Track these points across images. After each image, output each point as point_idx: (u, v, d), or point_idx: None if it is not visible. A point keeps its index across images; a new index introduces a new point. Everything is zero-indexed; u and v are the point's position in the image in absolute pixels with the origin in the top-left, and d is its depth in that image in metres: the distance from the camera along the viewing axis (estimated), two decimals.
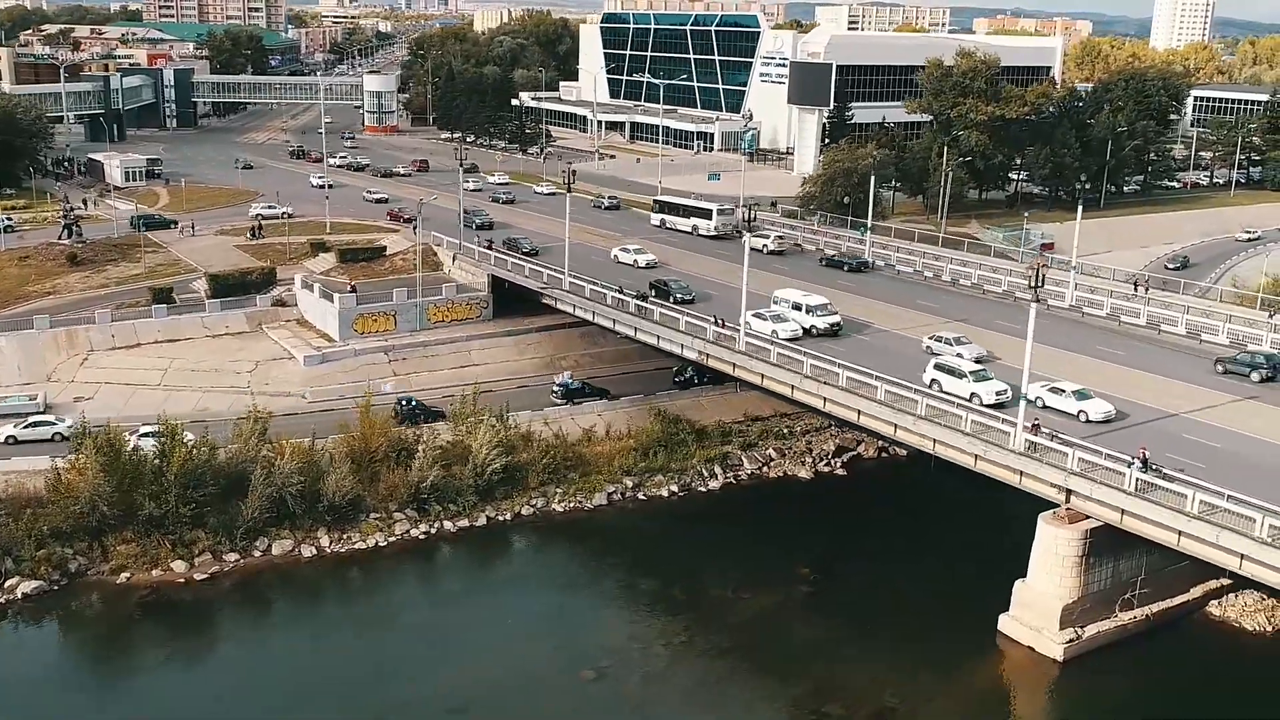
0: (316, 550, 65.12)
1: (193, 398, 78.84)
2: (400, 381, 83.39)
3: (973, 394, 62.37)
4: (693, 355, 76.35)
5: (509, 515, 70.28)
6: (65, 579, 60.53)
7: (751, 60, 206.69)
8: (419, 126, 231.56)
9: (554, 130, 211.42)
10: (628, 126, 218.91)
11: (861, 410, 63.93)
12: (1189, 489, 49.89)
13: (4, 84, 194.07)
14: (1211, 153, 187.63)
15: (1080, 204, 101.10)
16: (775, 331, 73.68)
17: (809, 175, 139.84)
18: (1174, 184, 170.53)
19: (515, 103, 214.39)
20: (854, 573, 64.94)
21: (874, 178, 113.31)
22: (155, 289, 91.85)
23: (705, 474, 76.78)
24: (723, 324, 73.94)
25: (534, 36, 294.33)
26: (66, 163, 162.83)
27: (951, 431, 58.89)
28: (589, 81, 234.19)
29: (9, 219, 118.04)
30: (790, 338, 73.35)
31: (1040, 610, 55.57)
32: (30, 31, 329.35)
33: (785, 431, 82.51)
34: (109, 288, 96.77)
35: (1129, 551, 55.36)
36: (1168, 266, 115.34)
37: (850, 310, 79.87)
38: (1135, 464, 52.07)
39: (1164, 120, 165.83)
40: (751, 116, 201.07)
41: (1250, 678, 55.18)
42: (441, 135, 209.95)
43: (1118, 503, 51.98)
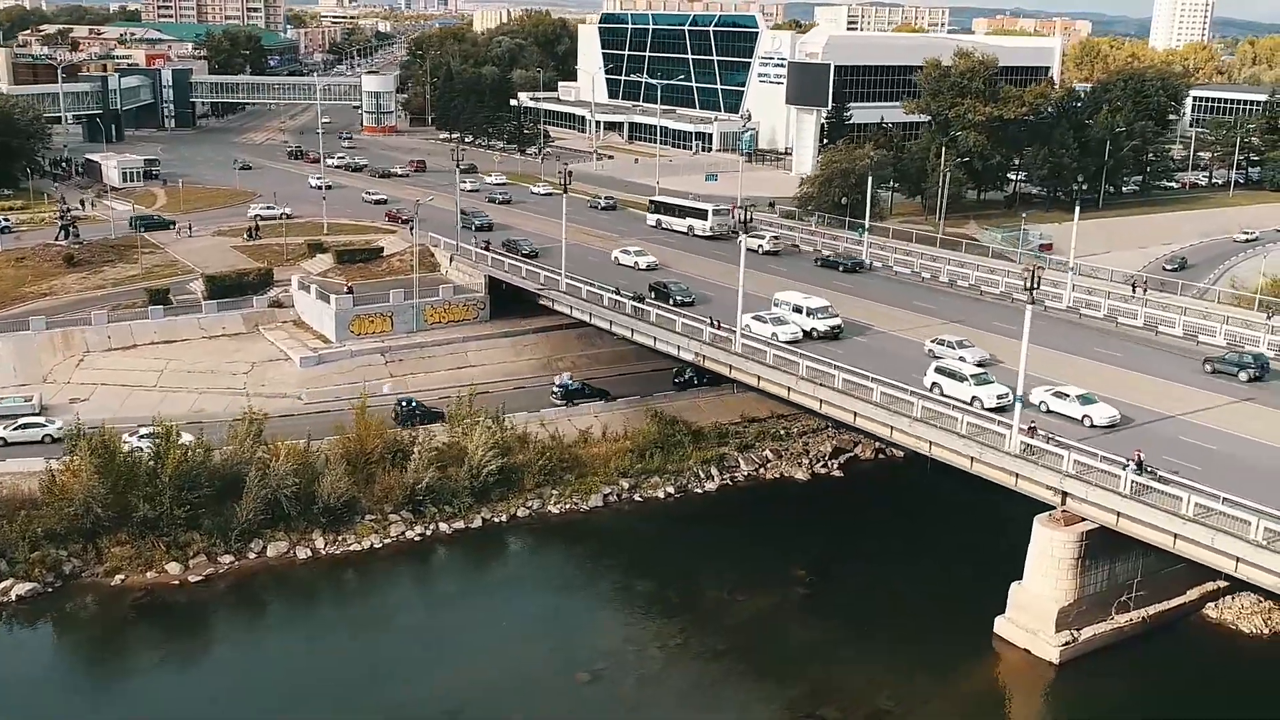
0: (311, 552, 65.05)
1: (188, 399, 78.79)
2: (397, 383, 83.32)
3: (974, 397, 62.07)
4: (689, 357, 76.25)
5: (505, 517, 70.23)
6: (59, 581, 60.49)
7: (750, 60, 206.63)
8: (418, 127, 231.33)
9: (553, 131, 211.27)
10: (626, 127, 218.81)
11: (858, 412, 63.83)
12: (1184, 491, 49.76)
13: (2, 84, 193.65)
14: (1210, 153, 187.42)
15: (1078, 204, 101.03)
16: (775, 334, 73.17)
17: (807, 176, 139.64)
18: (1173, 184, 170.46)
19: (514, 103, 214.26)
20: (850, 574, 64.84)
21: (871, 178, 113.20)
22: (152, 290, 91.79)
23: (702, 475, 76.67)
24: (718, 325, 73.78)
25: (532, 37, 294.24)
26: (64, 163, 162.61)
27: (947, 434, 58.80)
28: (587, 82, 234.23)
29: (6, 220, 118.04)
30: (790, 341, 72.71)
31: (1036, 613, 55.47)
32: (29, 32, 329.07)
33: (782, 433, 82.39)
34: (105, 289, 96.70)
35: (1125, 554, 55.24)
36: (1165, 267, 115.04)
37: (847, 311, 79.62)
38: (1130, 466, 51.97)
39: (1163, 121, 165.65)
40: (750, 117, 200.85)
41: (1247, 680, 55.10)
42: (440, 135, 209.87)
43: (1113, 505, 51.89)
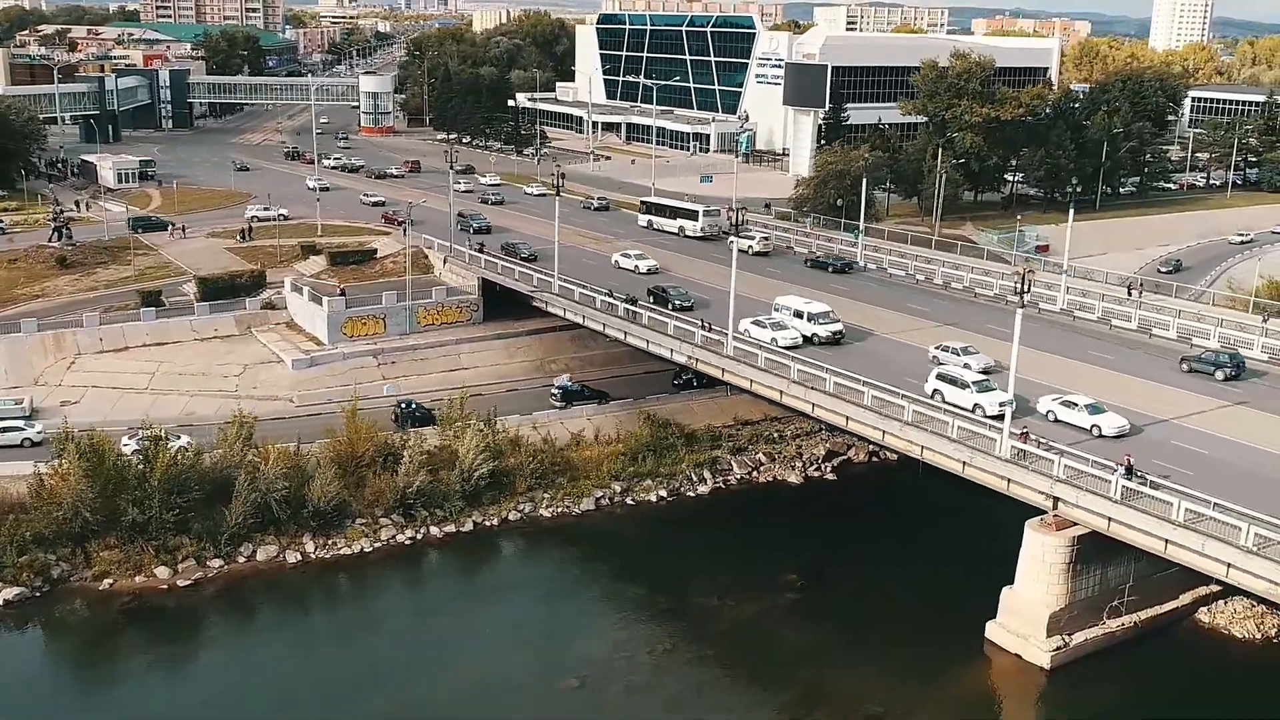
0: (301, 556, 64.74)
1: (180, 401, 78.55)
2: (389, 385, 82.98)
3: (975, 405, 61.34)
4: (682, 359, 75.98)
5: (496, 521, 69.92)
6: (47, 585, 60.17)
7: (747, 61, 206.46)
8: (416, 127, 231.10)
9: (550, 131, 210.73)
10: (624, 127, 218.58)
11: (849, 416, 63.58)
12: (1174, 497, 49.49)
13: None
14: (1208, 154, 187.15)
15: (1073, 206, 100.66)
16: (775, 339, 72.55)
17: (802, 177, 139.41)
18: (1170, 185, 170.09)
19: (512, 104, 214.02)
20: (842, 578, 64.59)
21: (866, 180, 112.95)
22: (144, 292, 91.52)
23: (694, 479, 76.33)
24: (709, 328, 73.48)
25: (531, 37, 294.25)
26: (60, 164, 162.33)
27: (938, 438, 58.52)
28: (585, 82, 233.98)
29: (0, 221, 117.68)
30: (790, 346, 71.86)
31: (1027, 617, 55.21)
32: (27, 32, 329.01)
33: (775, 436, 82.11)
34: (98, 290, 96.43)
35: (1117, 558, 54.98)
36: (1160, 270, 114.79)
37: (840, 314, 78.90)
38: (1119, 471, 51.71)
39: (1161, 122, 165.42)
40: (747, 118, 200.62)
41: (1239, 685, 54.88)
42: (437, 136, 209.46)
43: (1104, 510, 51.62)
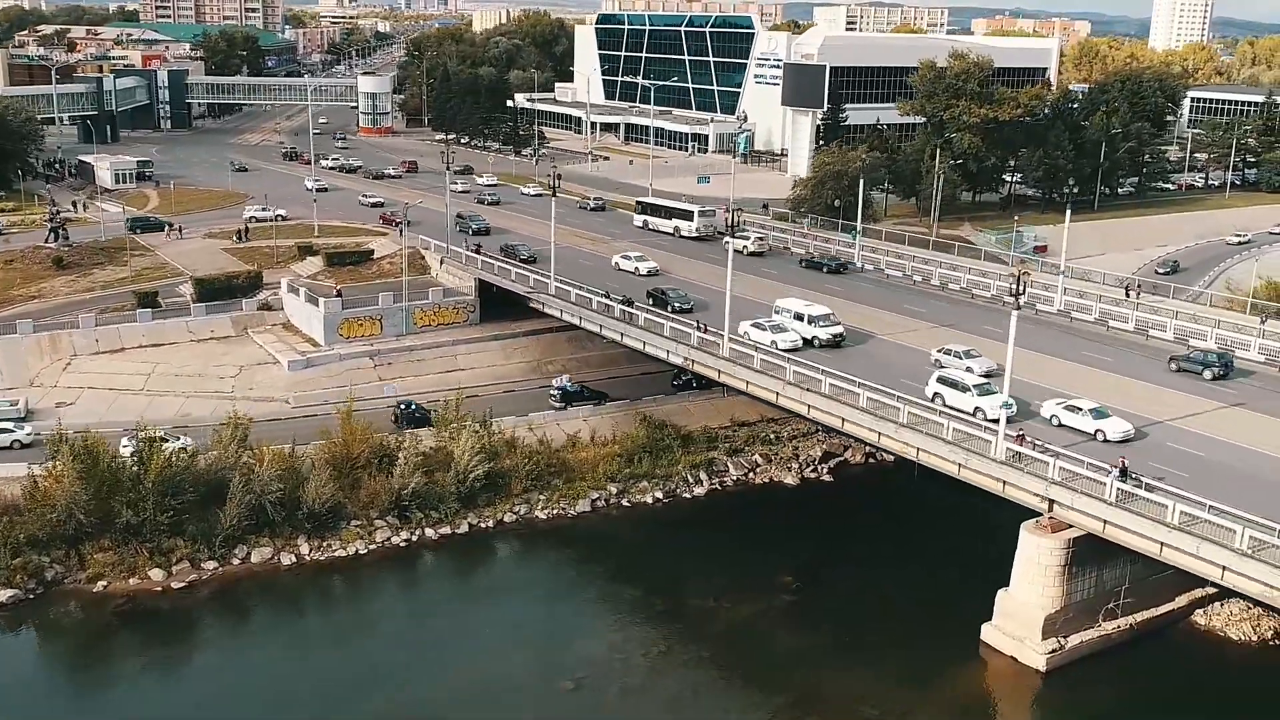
0: (296, 558, 64.65)
1: (176, 403, 78.49)
2: (386, 387, 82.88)
3: (976, 408, 61.00)
4: (678, 361, 75.87)
5: (492, 522, 69.80)
6: (41, 587, 60.09)
7: (746, 61, 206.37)
8: (414, 128, 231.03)
9: (549, 132, 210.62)
10: (622, 128, 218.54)
11: (845, 417, 63.46)
12: (1169, 499, 49.39)
13: None
14: (1206, 154, 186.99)
15: (1070, 207, 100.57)
16: (774, 342, 72.13)
17: (800, 178, 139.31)
18: (1169, 186, 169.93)
19: (511, 104, 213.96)
20: (838, 580, 64.50)
21: (864, 180, 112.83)
22: (140, 293, 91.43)
23: (690, 480, 76.21)
24: (704, 329, 73.34)
25: (530, 37, 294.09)
26: (57, 165, 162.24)
27: (934, 440, 58.41)
28: (583, 83, 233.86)
29: None
30: (790, 349, 71.44)
31: (1023, 620, 55.07)
32: (26, 32, 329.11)
33: (772, 437, 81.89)
34: (94, 291, 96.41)
35: (1112, 561, 54.82)
36: (1157, 271, 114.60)
37: (838, 315, 79.07)
38: (1114, 473, 51.61)
39: (1159, 122, 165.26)
40: (746, 118, 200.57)
41: (1235, 687, 54.72)
42: (436, 136, 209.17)
43: (1099, 513, 51.52)
